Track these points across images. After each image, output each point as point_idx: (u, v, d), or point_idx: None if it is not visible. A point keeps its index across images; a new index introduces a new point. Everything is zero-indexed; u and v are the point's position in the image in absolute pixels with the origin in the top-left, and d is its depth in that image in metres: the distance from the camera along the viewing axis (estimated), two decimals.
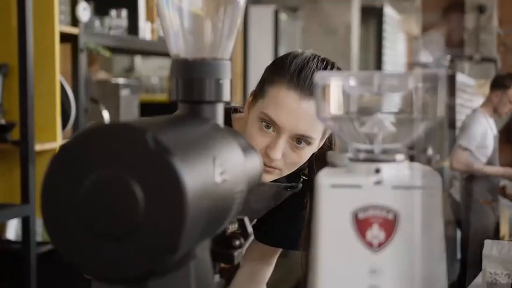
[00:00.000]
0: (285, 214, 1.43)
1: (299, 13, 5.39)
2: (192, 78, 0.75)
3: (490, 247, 1.95)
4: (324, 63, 1.26)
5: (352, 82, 0.68)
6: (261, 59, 4.93)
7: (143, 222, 0.58)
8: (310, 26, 5.26)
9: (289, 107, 1.20)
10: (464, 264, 4.26)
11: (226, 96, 0.77)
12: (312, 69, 1.23)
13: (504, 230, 4.49)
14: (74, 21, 2.52)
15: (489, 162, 4.26)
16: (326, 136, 1.30)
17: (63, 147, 0.60)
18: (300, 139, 1.22)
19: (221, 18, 0.78)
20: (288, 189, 1.40)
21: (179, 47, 0.77)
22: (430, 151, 0.69)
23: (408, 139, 0.68)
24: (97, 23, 2.77)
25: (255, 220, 1.48)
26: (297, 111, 1.20)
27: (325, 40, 4.31)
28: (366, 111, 0.69)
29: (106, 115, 2.76)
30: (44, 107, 2.34)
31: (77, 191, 0.59)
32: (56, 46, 2.35)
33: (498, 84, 4.27)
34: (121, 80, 3.02)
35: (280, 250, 1.53)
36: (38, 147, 2.28)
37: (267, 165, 1.23)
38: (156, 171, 0.58)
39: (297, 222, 1.40)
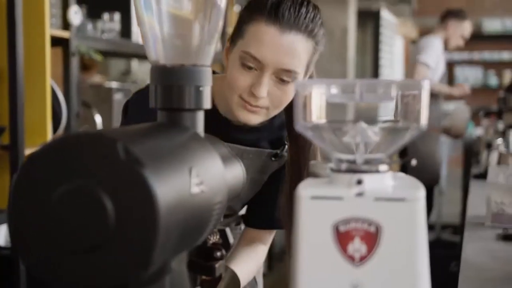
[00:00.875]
0: (273, 194, 1.41)
1: None
2: (171, 85, 0.73)
3: (495, 174, 1.81)
4: (308, 2, 1.25)
5: (334, 90, 0.65)
6: None
7: (113, 236, 0.55)
8: None
9: (270, 42, 1.19)
10: None
11: (207, 104, 0.75)
12: (290, 2, 1.21)
13: None
14: (66, 25, 2.49)
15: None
16: (310, 72, 1.28)
17: (31, 157, 0.58)
18: (283, 76, 1.21)
19: (202, 23, 0.75)
20: (273, 158, 1.39)
21: (158, 53, 0.75)
22: (414, 162, 0.67)
23: (392, 149, 0.66)
24: (89, 26, 2.75)
25: (244, 209, 1.47)
26: (279, 45, 1.19)
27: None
28: (348, 119, 0.67)
29: (98, 119, 2.74)
30: (34, 111, 2.32)
31: (46, 202, 0.57)
32: (47, 50, 2.32)
33: (454, 15, 4.44)
34: (114, 84, 2.99)
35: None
36: (28, 151, 2.25)
37: (253, 105, 1.22)
38: (126, 183, 0.55)
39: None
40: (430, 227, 5.35)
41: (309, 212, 0.63)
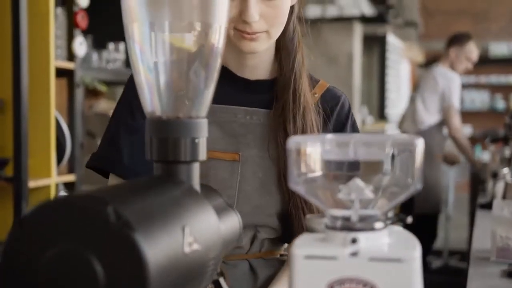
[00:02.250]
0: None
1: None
2: (167, 137, 0.73)
3: (500, 207, 1.78)
4: None
5: (328, 146, 0.65)
6: None
7: None
8: (312, 54, 5.25)
9: None
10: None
11: (203, 155, 0.74)
12: None
13: None
14: (71, 56, 2.51)
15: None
16: None
17: (21, 220, 0.57)
18: None
19: (197, 75, 0.75)
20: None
21: (153, 104, 0.74)
22: (409, 219, 0.66)
23: (387, 207, 0.65)
24: (94, 56, 2.76)
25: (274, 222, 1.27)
26: None
27: (327, 69, 4.30)
28: (343, 176, 0.66)
29: None
30: (39, 143, 2.32)
31: (35, 266, 0.56)
32: (51, 82, 2.33)
33: (456, 41, 4.46)
34: None
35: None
36: (32, 183, 2.25)
37: (250, 32, 1.16)
38: (117, 247, 0.55)
39: None
40: (438, 253, 5.31)
41: (304, 271, 0.63)
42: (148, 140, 0.73)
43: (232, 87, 1.27)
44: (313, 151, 0.66)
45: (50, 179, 2.34)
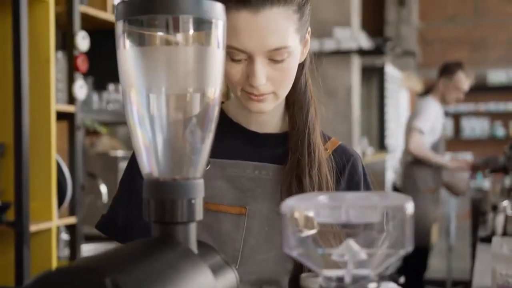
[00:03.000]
0: None
1: None
2: (164, 199, 0.74)
3: (499, 245, 1.77)
4: None
5: (321, 209, 0.67)
6: None
7: None
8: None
9: (246, 27, 1.11)
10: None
11: (199, 215, 0.76)
12: None
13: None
14: (71, 99, 2.54)
15: (434, 148, 4.38)
16: (307, 32, 1.20)
17: None
18: (275, 56, 1.13)
19: (193, 136, 0.77)
20: None
21: (151, 166, 0.76)
22: (402, 280, 0.68)
23: (380, 268, 0.67)
24: (95, 97, 2.79)
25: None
26: (256, 27, 1.10)
27: (326, 102, 4.32)
28: (336, 237, 0.68)
29: (104, 189, 2.76)
30: (40, 186, 2.34)
31: None
32: (52, 125, 2.36)
33: (444, 71, 4.47)
34: (120, 153, 3.02)
35: None
36: (33, 227, 2.26)
37: (257, 94, 1.15)
38: None
39: None
40: (441, 284, 5.29)
41: None
42: (146, 201, 0.75)
43: (242, 141, 1.27)
44: (307, 214, 0.67)
45: (51, 222, 2.36)
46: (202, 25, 0.75)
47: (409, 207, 0.65)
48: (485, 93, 9.83)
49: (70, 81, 2.52)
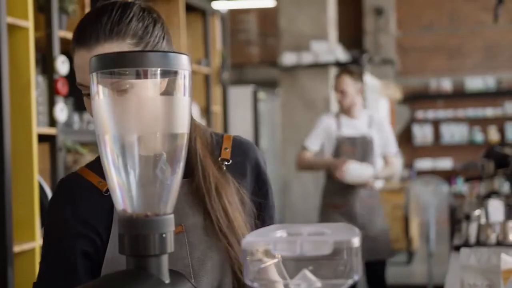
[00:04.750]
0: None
1: (278, 89, 5.53)
2: (137, 234, 0.81)
3: (467, 256, 1.83)
4: (112, 7, 1.18)
5: (277, 244, 0.74)
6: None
7: None
8: (289, 100, 5.40)
9: (83, 63, 1.15)
10: None
11: (171, 247, 0.83)
12: (92, 17, 1.18)
13: None
14: (52, 121, 2.60)
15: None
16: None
17: None
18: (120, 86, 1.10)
19: (163, 174, 0.84)
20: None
21: (125, 203, 0.83)
22: None
23: None
24: (75, 118, 2.85)
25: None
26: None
27: (304, 114, 4.42)
28: (292, 268, 0.76)
29: None
30: (22, 207, 2.39)
31: None
32: (34, 148, 2.42)
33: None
34: None
35: None
36: (17, 248, 2.32)
37: None
38: None
39: None
40: None
41: None
42: (121, 236, 0.82)
43: None
44: (265, 249, 0.75)
45: (34, 243, 2.41)
46: (169, 75, 0.83)
47: (356, 241, 0.72)
48: (463, 99, 10.00)
49: (51, 104, 2.58)
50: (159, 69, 0.81)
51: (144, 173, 0.84)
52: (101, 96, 0.83)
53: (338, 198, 3.99)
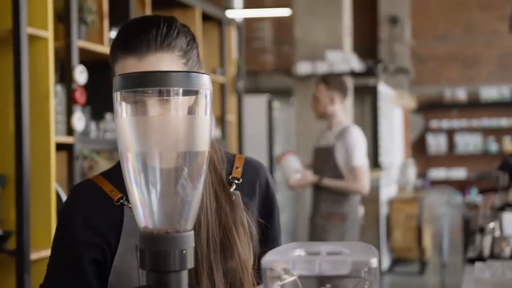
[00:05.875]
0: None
1: (293, 98, 5.54)
2: (158, 251, 0.83)
3: (482, 271, 1.84)
4: (158, 19, 1.20)
5: (296, 264, 0.75)
6: (256, 146, 5.09)
7: None
8: (304, 109, 5.41)
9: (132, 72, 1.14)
10: None
11: (190, 263, 0.85)
12: (137, 26, 1.19)
13: None
14: (70, 130, 2.63)
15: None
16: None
17: None
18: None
19: (184, 192, 0.86)
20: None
21: (146, 220, 0.85)
22: None
23: None
24: (93, 127, 2.88)
25: None
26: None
27: (318, 123, 4.41)
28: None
29: None
30: (40, 215, 2.42)
31: None
32: (52, 156, 2.45)
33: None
34: None
35: None
36: (34, 255, 2.34)
37: None
38: None
39: None
40: None
41: None
42: (142, 252, 0.84)
43: None
44: (285, 268, 0.76)
45: None
46: (191, 94, 0.85)
47: (374, 261, 0.73)
48: (477, 109, 9.96)
49: (69, 113, 2.61)
50: (181, 88, 0.83)
51: (165, 189, 0.86)
52: (123, 114, 0.85)
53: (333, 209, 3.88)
